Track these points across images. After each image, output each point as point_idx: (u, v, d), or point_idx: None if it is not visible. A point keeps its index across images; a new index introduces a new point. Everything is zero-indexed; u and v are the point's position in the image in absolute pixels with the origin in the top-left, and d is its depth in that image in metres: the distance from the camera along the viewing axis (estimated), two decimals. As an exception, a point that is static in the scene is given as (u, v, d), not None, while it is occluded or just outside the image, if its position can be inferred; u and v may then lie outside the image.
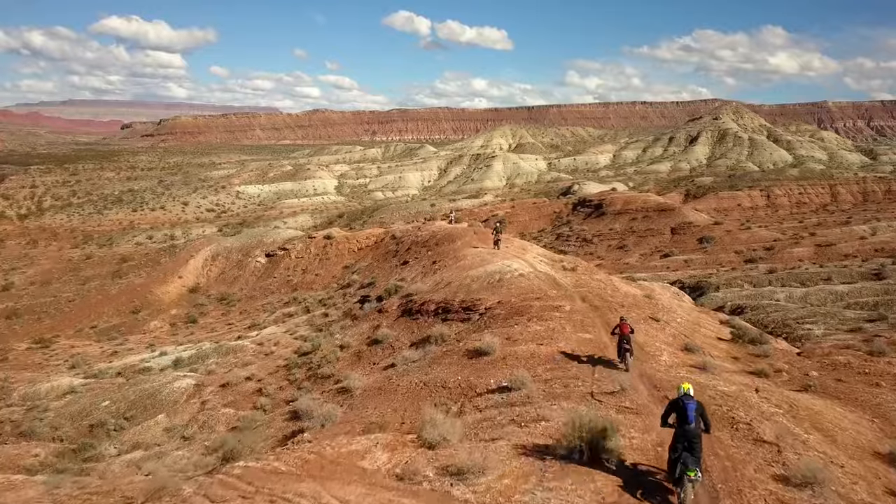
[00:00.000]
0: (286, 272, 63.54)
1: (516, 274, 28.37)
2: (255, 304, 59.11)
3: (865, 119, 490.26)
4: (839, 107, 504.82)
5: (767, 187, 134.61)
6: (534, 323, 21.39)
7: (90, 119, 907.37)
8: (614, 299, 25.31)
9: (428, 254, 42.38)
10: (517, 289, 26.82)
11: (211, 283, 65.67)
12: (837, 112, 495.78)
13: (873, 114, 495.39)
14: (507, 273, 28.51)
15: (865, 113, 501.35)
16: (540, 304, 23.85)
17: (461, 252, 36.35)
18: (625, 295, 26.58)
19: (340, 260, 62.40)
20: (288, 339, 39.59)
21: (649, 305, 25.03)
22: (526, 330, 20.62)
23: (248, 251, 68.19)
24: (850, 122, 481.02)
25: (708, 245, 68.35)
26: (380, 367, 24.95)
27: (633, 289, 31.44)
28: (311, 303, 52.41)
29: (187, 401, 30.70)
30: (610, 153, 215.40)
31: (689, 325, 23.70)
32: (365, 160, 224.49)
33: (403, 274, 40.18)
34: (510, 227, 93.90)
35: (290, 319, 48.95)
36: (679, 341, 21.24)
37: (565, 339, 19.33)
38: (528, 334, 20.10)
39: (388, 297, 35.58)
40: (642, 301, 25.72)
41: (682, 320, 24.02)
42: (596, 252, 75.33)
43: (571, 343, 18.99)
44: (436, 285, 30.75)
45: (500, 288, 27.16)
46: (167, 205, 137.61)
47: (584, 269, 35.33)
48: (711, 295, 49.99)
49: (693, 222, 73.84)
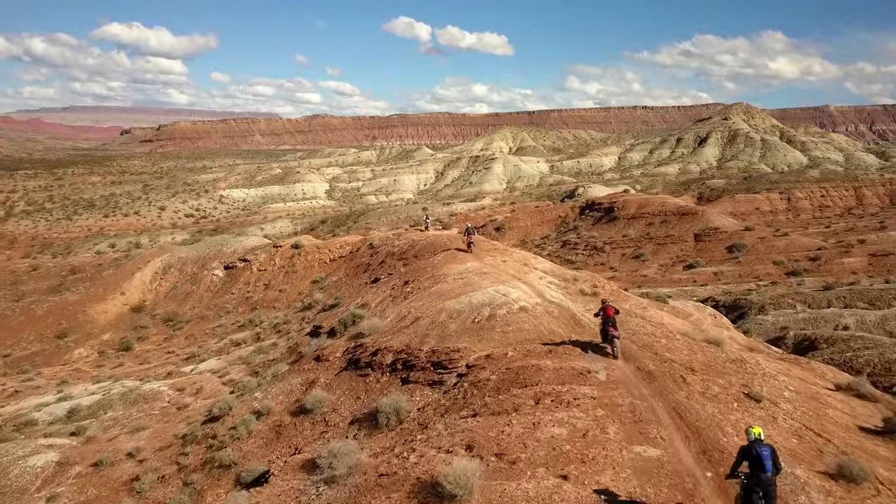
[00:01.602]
0: (246, 287, 54.08)
1: (515, 307, 18.87)
2: (205, 327, 49.64)
3: (867, 123, 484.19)
4: (841, 111, 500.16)
5: (787, 189, 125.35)
6: (548, 410, 11.95)
7: (91, 125, 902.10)
8: (675, 355, 15.81)
9: (402, 269, 32.87)
10: (517, 332, 17.36)
11: (159, 299, 56.16)
12: (839, 116, 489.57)
13: (875, 118, 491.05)
14: (501, 305, 19.01)
15: (867, 117, 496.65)
16: (555, 366, 14.39)
17: (442, 269, 26.82)
18: (688, 346, 16.99)
19: (309, 273, 52.93)
20: (214, 385, 30.09)
21: (736, 369, 15.42)
22: (534, 430, 11.14)
23: (204, 263, 58.71)
24: (851, 126, 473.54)
25: (740, 254, 58.78)
26: (296, 463, 15.40)
27: (688, 324, 21.94)
28: (266, 328, 42.98)
29: (38, 491, 21.18)
30: (615, 155, 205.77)
31: (806, 404, 14.10)
32: (358, 163, 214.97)
33: (368, 297, 30.66)
34: (510, 233, 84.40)
35: (236, 350, 39.53)
36: (810, 446, 11.67)
37: (610, 459, 9.84)
38: (537, 443, 10.59)
39: (341, 332, 26.21)
40: (720, 361, 16.10)
41: (792, 394, 14.42)
42: (608, 262, 65.76)
43: (624, 472, 9.47)
44: (399, 321, 21.24)
45: (490, 331, 17.68)
46: (142, 210, 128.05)
47: (609, 292, 25.80)
48: (757, 318, 40.44)
49: (720, 228, 64.29)
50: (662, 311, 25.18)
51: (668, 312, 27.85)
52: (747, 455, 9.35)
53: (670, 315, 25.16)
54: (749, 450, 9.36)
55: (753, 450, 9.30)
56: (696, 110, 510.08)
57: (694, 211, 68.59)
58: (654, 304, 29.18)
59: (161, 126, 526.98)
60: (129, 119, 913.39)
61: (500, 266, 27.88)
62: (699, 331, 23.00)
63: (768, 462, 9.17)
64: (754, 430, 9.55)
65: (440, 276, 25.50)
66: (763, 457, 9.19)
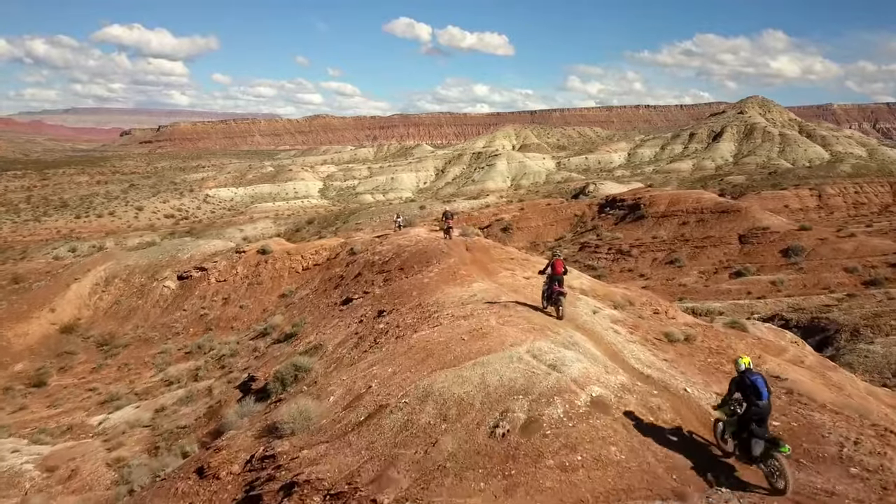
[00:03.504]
0: (201, 302, 44.34)
1: (581, 400, 9.09)
2: (145, 353, 39.89)
3: (871, 121, 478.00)
4: (844, 109, 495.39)
5: (818, 186, 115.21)
6: None
7: (93, 127, 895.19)
8: None
9: (379, 290, 23.06)
10: (595, 477, 7.41)
11: (98, 317, 46.45)
12: (843, 115, 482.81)
13: (879, 116, 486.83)
14: (550, 394, 9.19)
15: (871, 115, 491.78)
16: None
17: (434, 294, 17.09)
18: None
19: (277, 284, 43.19)
20: (96, 467, 20.40)
21: None
22: None
23: (155, 272, 48.98)
24: (855, 124, 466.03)
25: (798, 259, 48.86)
26: None
27: (826, 390, 12.15)
28: (210, 360, 33.25)
29: None
30: (624, 151, 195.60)
31: None
32: (355, 160, 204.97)
33: (328, 332, 20.87)
34: (518, 234, 74.43)
35: (164, 394, 29.83)
36: None
37: None
38: None
39: (276, 393, 16.80)
40: None
41: None
42: (637, 268, 55.82)
43: None
44: (350, 406, 11.45)
45: (532, 467, 7.76)
46: (118, 210, 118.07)
47: (714, 337, 15.97)
48: (858, 348, 30.48)
49: (769, 227, 54.35)
50: (800, 370, 15.31)
51: (776, 355, 18.09)
52: (741, 386, 9.17)
53: (812, 376, 15.30)
54: (742, 380, 9.18)
55: (746, 379, 9.14)
56: (698, 109, 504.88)
57: (736, 208, 58.57)
58: (760, 345, 19.31)
59: (161, 127, 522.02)
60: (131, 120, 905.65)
61: (522, 288, 18.08)
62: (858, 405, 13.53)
63: (765, 389, 9.10)
64: (743, 360, 9.41)
65: (431, 310, 15.66)
66: (759, 384, 9.11)
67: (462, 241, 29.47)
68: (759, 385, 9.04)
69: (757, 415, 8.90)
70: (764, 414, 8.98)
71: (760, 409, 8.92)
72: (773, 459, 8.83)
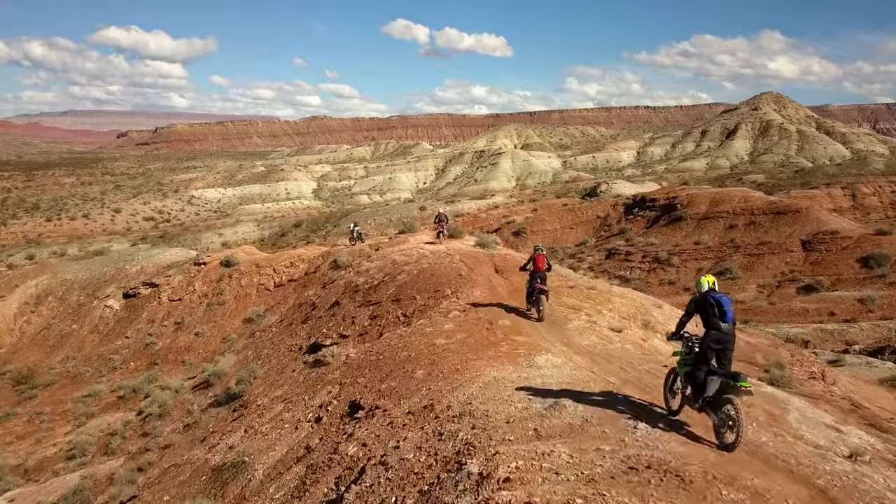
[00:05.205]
0: (148, 327, 35.42)
1: None
2: (68, 397, 30.98)
3: (871, 122, 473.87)
4: (844, 110, 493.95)
5: (851, 184, 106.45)
6: None
7: (91, 129, 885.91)
8: None
9: (358, 345, 14.07)
10: None
11: (22, 344, 37.51)
12: (842, 115, 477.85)
13: (878, 116, 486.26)
14: None
15: (871, 116, 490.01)
16: None
17: (454, 388, 8.14)
18: None
19: (243, 305, 34.38)
20: None
21: None
22: None
23: (97, 288, 40.06)
24: (855, 124, 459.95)
25: (884, 269, 40.07)
26: None
27: None
28: (134, 422, 24.32)
29: None
30: (633, 150, 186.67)
31: None
32: (351, 160, 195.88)
33: (263, 435, 11.86)
34: (532, 238, 65.42)
35: (59, 475, 20.92)
36: None
37: None
38: None
39: None
40: None
41: None
42: (679, 280, 46.97)
43: None
44: None
45: None
46: (93, 213, 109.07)
47: None
48: None
49: (838, 231, 45.60)
50: None
51: None
52: (701, 305, 7.70)
53: None
54: (704, 299, 7.69)
55: (710, 298, 7.67)
56: (698, 110, 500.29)
57: (795, 208, 49.66)
58: None
59: (158, 129, 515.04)
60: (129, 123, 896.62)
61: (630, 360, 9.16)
62: None
63: (730, 309, 7.60)
64: (707, 279, 8.01)
65: (456, 433, 6.66)
66: (723, 302, 7.59)
67: (483, 256, 20.57)
68: (725, 303, 7.60)
69: (718, 341, 7.50)
70: (726, 341, 7.54)
71: (722, 334, 7.50)
72: (728, 405, 7.24)
